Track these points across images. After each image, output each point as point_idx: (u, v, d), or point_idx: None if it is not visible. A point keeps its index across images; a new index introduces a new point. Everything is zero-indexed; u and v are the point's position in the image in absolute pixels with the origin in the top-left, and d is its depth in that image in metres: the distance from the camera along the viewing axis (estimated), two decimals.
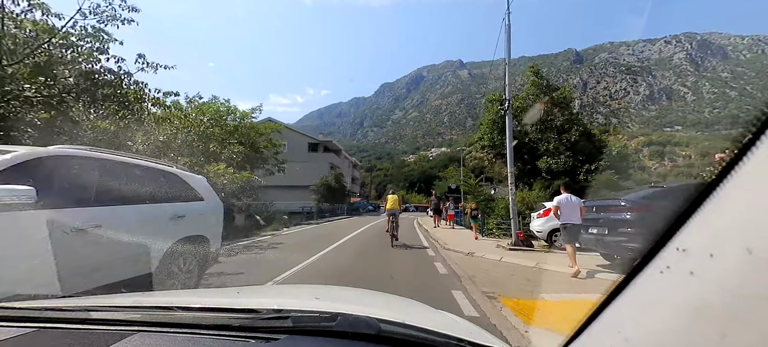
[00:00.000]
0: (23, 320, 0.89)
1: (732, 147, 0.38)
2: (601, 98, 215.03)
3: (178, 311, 0.93)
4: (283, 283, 5.05)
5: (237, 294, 1.41)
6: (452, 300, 4.16)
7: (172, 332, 0.82)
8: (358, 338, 0.79)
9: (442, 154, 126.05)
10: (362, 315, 0.89)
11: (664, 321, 0.42)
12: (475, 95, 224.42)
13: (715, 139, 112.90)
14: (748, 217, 0.35)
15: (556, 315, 3.61)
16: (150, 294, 1.42)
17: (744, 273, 0.34)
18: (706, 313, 0.37)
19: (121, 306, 1.00)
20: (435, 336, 0.82)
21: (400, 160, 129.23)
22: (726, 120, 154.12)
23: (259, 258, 7.25)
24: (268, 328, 0.83)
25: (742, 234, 0.35)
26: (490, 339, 0.96)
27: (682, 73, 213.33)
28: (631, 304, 0.49)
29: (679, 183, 11.77)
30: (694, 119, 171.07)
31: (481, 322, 3.27)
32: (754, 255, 0.33)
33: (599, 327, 0.55)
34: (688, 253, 0.40)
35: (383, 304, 1.41)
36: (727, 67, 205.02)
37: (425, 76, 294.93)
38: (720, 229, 0.38)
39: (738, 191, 0.37)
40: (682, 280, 0.40)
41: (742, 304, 0.34)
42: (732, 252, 0.35)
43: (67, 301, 1.11)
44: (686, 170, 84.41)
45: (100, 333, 0.82)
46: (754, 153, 0.35)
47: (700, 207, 0.40)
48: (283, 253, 8.11)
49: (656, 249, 0.45)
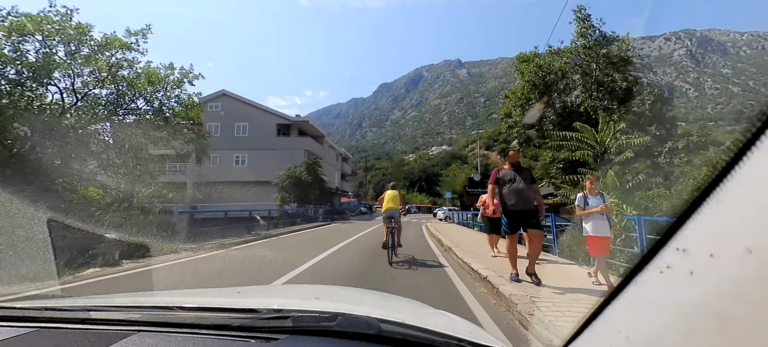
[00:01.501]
0: (23, 320, 0.90)
1: (732, 147, 0.38)
2: None
3: (178, 311, 0.94)
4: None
5: (237, 294, 1.41)
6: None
7: (172, 332, 0.82)
8: (358, 338, 0.79)
9: (444, 152, 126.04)
10: (362, 315, 0.89)
11: (664, 320, 0.42)
12: (474, 94, 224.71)
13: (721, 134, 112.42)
14: (748, 217, 0.35)
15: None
16: (150, 294, 1.44)
17: (744, 273, 0.34)
18: (706, 313, 0.38)
19: (121, 306, 1.00)
20: (435, 336, 0.82)
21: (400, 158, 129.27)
22: (730, 116, 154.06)
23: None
24: (268, 328, 0.83)
25: (742, 234, 0.35)
26: (491, 340, 0.96)
27: (683, 69, 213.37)
28: (632, 304, 0.50)
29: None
30: (698, 115, 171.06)
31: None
32: (754, 255, 0.33)
33: (600, 327, 0.56)
34: (688, 253, 0.41)
35: (383, 304, 1.41)
36: (727, 63, 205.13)
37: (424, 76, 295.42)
38: (720, 229, 0.38)
39: (738, 191, 0.37)
40: (682, 280, 0.41)
41: (742, 304, 0.34)
42: (732, 252, 0.36)
43: (67, 301, 1.11)
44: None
45: (100, 333, 0.82)
46: (754, 153, 0.36)
47: (700, 207, 0.40)
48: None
49: (656, 249, 0.45)
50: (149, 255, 7.54)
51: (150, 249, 7.76)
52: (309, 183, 23.66)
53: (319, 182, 25.43)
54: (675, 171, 16.52)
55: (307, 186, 23.54)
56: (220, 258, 7.50)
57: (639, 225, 5.37)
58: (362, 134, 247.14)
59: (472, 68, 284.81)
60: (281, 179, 22.88)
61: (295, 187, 22.98)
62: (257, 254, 8.02)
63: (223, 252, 8.29)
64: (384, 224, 6.42)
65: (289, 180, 22.87)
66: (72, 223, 6.82)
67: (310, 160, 25.15)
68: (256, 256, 7.71)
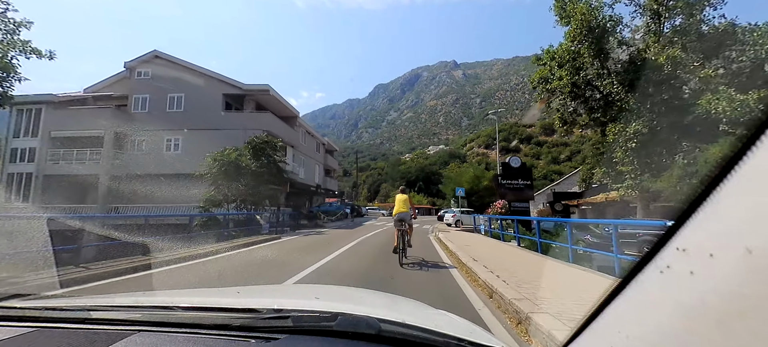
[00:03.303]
0: (23, 320, 0.89)
1: (732, 147, 0.38)
2: None
3: (179, 311, 0.94)
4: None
5: (237, 294, 1.41)
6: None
7: (172, 332, 0.82)
8: (358, 338, 0.79)
9: (441, 151, 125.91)
10: (362, 314, 0.89)
11: (664, 320, 0.42)
12: (469, 95, 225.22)
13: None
14: (748, 217, 0.35)
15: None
16: (150, 294, 1.43)
17: (744, 273, 0.34)
18: (706, 313, 0.38)
19: (122, 306, 1.00)
20: (435, 336, 0.82)
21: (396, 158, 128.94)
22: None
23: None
24: (268, 328, 0.83)
25: (742, 234, 0.35)
26: (491, 339, 0.96)
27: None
28: (632, 303, 0.50)
29: None
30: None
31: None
32: (754, 255, 0.33)
33: (600, 326, 0.56)
34: (688, 253, 0.41)
35: (384, 304, 1.41)
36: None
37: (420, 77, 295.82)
38: (720, 229, 0.38)
39: (738, 191, 0.37)
40: (682, 280, 0.41)
41: (742, 304, 0.34)
42: (732, 252, 0.36)
43: (67, 301, 1.11)
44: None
45: (100, 332, 0.82)
46: (754, 153, 0.36)
47: (700, 207, 0.40)
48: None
49: (656, 249, 0.45)
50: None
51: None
52: (256, 174, 15.32)
53: (278, 173, 17.04)
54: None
55: (253, 176, 15.17)
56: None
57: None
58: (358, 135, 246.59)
59: (468, 69, 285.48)
60: (210, 167, 14.65)
61: (226, 177, 14.53)
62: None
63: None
64: (395, 227, 6.68)
65: (220, 173, 14.51)
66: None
67: (259, 139, 16.50)
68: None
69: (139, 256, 7.14)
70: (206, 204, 14.68)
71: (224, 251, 8.60)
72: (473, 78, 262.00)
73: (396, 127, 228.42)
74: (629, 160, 11.09)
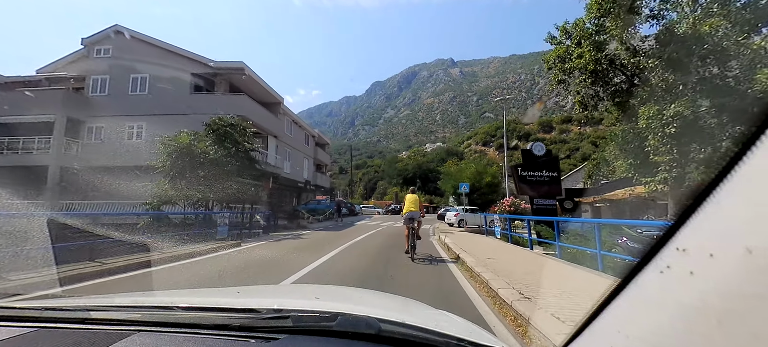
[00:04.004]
0: (23, 320, 0.89)
1: (731, 147, 0.38)
2: None
3: (178, 311, 0.94)
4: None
5: (237, 294, 1.42)
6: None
7: (172, 332, 0.82)
8: (358, 338, 0.79)
9: (439, 149, 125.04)
10: (362, 314, 0.89)
11: (664, 320, 0.42)
12: (467, 93, 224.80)
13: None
14: (748, 217, 0.35)
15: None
16: (150, 294, 1.40)
17: (744, 273, 0.34)
18: (706, 313, 0.38)
19: (121, 306, 1.00)
20: (435, 336, 0.82)
21: (393, 156, 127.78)
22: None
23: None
24: (268, 328, 0.83)
25: (742, 234, 0.35)
26: (491, 339, 0.95)
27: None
28: (632, 304, 0.50)
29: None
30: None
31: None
32: (754, 255, 0.33)
33: (600, 326, 0.55)
34: (688, 253, 0.41)
35: (383, 304, 1.41)
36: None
37: (417, 75, 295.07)
38: (720, 229, 0.38)
39: (738, 191, 0.37)
40: (682, 280, 0.41)
41: (742, 304, 0.34)
42: (732, 252, 0.36)
43: (67, 301, 1.11)
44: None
45: (100, 332, 0.82)
46: (754, 153, 0.36)
47: (700, 207, 0.40)
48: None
49: (656, 249, 0.45)
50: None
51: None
52: (217, 163, 12.35)
53: (246, 163, 14.08)
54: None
55: (215, 167, 12.22)
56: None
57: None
58: (355, 132, 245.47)
59: (465, 67, 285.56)
60: (162, 159, 12.03)
61: (179, 168, 11.88)
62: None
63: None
64: (405, 224, 7.37)
65: (173, 166, 11.85)
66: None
67: (223, 122, 13.67)
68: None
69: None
70: (155, 200, 11.67)
71: (134, 268, 5.83)
72: (470, 76, 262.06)
73: (393, 125, 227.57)
74: (666, 149, 9.47)
